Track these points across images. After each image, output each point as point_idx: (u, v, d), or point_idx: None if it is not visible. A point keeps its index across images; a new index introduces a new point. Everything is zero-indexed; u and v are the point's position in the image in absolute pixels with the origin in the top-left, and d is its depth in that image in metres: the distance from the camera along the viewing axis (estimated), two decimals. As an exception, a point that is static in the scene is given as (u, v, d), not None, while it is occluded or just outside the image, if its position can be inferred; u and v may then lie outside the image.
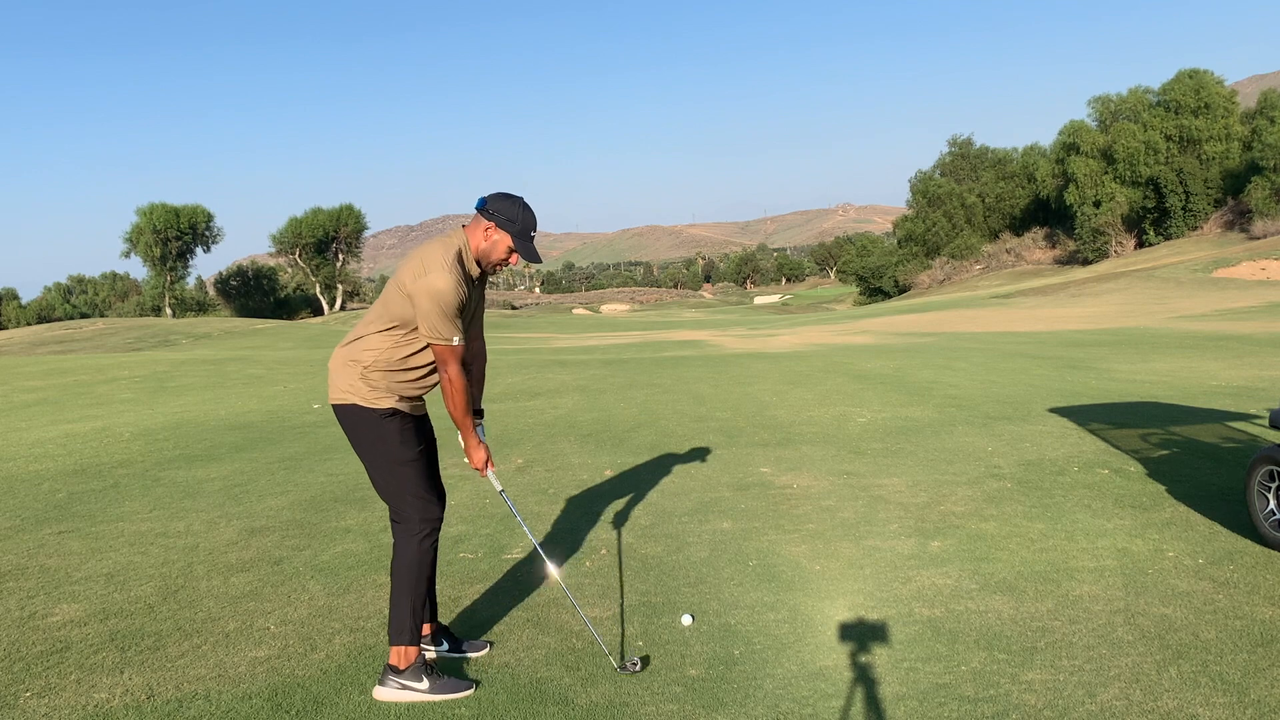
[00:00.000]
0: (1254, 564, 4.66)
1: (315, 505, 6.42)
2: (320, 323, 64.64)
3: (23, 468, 8.06)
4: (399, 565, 3.57)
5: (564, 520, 5.90)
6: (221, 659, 3.85)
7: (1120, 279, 39.82)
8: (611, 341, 29.02)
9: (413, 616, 3.56)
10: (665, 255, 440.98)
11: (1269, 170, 52.10)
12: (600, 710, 3.37)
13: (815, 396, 11.17)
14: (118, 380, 15.91)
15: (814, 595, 4.45)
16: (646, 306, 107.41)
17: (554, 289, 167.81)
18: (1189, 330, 20.03)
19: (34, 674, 3.73)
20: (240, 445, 8.94)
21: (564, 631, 4.10)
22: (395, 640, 3.54)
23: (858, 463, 7.30)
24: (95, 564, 5.16)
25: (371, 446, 3.63)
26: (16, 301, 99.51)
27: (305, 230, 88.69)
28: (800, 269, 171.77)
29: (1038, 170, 66.55)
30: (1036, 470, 6.78)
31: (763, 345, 22.23)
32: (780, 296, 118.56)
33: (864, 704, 3.36)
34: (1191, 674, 3.49)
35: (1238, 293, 30.84)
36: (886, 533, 5.40)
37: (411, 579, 3.55)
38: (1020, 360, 14.90)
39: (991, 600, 4.30)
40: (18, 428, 10.59)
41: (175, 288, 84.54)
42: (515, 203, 3.60)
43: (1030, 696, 3.36)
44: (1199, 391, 10.47)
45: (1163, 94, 59.32)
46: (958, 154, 78.62)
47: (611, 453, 8.05)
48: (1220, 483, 6.16)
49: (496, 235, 3.58)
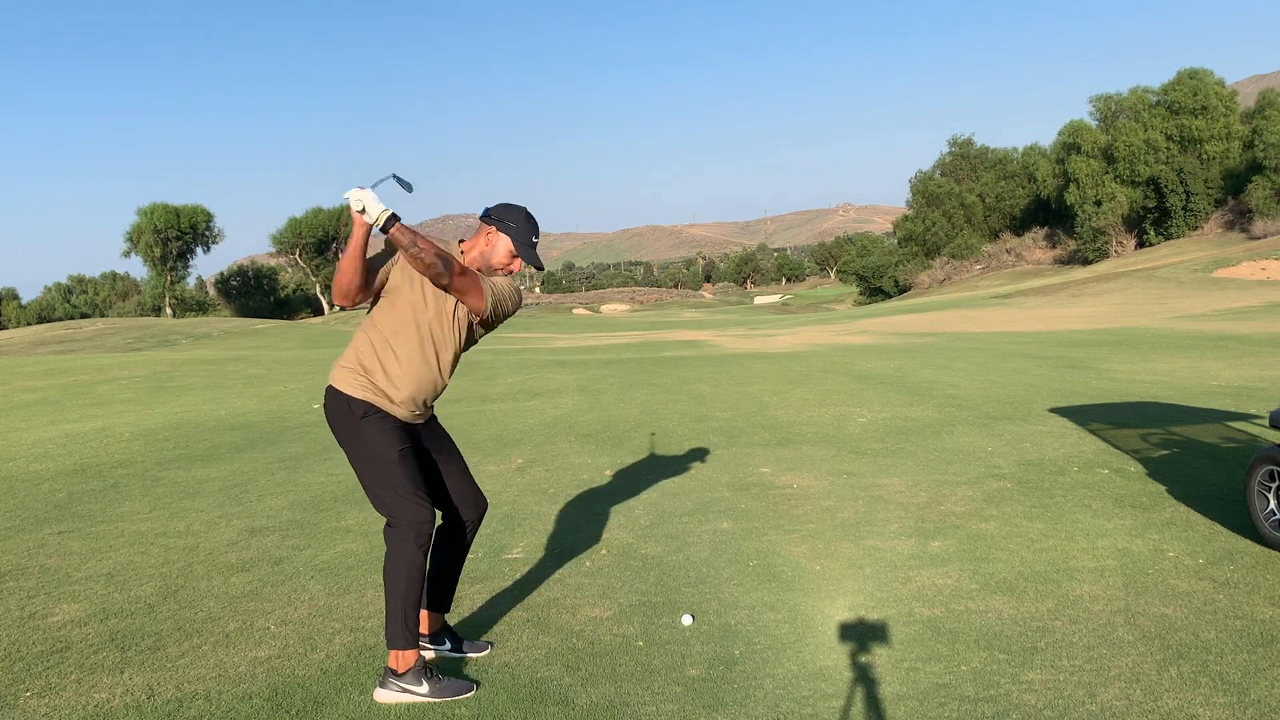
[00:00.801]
0: (1254, 564, 4.66)
1: (315, 505, 6.42)
2: (320, 323, 64.64)
3: (23, 468, 8.07)
4: (388, 569, 3.52)
5: (564, 520, 5.90)
6: (221, 659, 3.84)
7: (1120, 279, 39.83)
8: (611, 341, 29.02)
9: (405, 621, 3.50)
10: (665, 255, 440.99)
11: (1270, 170, 52.09)
12: (600, 710, 3.37)
13: (815, 396, 11.17)
14: (118, 380, 15.92)
15: (814, 595, 4.45)
16: (646, 306, 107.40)
17: (554, 289, 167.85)
18: (1189, 330, 20.03)
19: (34, 674, 3.73)
20: (240, 445, 8.94)
21: (564, 631, 4.10)
22: (391, 644, 3.51)
23: (858, 463, 7.30)
24: (95, 564, 5.16)
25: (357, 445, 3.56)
26: (16, 301, 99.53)
27: (305, 230, 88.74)
28: (800, 269, 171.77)
29: (1038, 170, 66.55)
30: (1036, 470, 6.78)
31: (763, 345, 22.23)
32: (780, 296, 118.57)
33: (864, 704, 3.36)
34: (1192, 674, 3.49)
35: (1238, 293, 30.84)
36: (886, 533, 5.40)
37: (401, 583, 3.48)
38: (1020, 360, 14.90)
39: (991, 600, 4.30)
40: (18, 428, 10.60)
41: (175, 288, 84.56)
42: (517, 210, 3.65)
43: (1030, 696, 3.36)
44: (1199, 391, 10.47)
45: (1163, 94, 59.33)
46: (958, 154, 78.63)
47: (611, 453, 8.05)
48: (1220, 483, 6.16)
49: (496, 238, 3.63)
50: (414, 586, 3.50)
